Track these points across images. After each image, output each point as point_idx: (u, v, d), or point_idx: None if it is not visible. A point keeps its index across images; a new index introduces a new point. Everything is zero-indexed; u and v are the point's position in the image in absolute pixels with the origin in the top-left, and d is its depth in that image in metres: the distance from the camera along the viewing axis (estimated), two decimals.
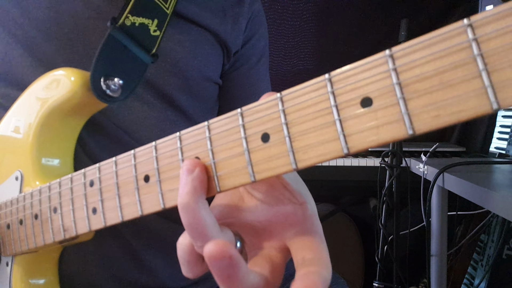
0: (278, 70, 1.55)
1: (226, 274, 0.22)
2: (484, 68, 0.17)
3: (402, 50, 0.20)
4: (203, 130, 0.27)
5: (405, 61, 0.19)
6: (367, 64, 0.21)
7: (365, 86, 0.21)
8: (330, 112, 0.22)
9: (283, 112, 0.24)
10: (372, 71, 0.20)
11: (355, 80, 0.21)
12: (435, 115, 0.19)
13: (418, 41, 0.19)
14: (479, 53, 0.18)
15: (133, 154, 0.31)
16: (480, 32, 0.18)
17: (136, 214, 0.31)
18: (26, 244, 0.40)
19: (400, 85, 0.19)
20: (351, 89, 0.21)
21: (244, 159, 0.25)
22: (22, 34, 0.47)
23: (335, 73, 0.22)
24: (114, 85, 0.40)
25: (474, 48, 0.18)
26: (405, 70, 0.19)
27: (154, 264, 0.51)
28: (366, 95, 0.21)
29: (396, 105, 0.20)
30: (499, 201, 0.63)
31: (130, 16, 0.45)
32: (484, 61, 0.18)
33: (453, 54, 0.18)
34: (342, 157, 0.22)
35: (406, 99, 0.19)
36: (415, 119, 0.19)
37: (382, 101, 0.20)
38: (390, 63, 0.20)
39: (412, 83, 0.19)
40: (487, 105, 0.17)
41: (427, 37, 0.19)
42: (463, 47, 0.18)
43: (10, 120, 0.46)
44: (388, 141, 0.20)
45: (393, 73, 0.20)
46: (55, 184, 0.37)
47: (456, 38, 0.18)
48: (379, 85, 0.20)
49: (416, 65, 0.19)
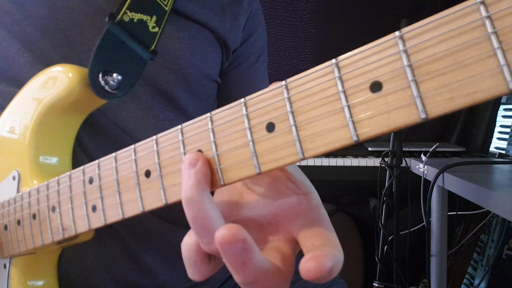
0: (278, 70, 1.55)
1: (240, 260, 0.21)
2: (499, 46, 0.17)
3: (412, 30, 0.19)
4: (205, 122, 0.26)
5: (416, 42, 0.19)
6: (376, 46, 0.20)
7: (374, 70, 0.20)
8: (338, 98, 0.21)
9: (289, 100, 0.23)
10: (381, 53, 0.20)
11: (364, 64, 0.20)
12: (449, 97, 0.18)
13: (429, 21, 0.19)
14: (493, 30, 0.17)
15: (133, 149, 0.30)
16: (493, 8, 0.17)
17: (138, 210, 0.30)
18: (24, 245, 0.39)
19: (411, 67, 0.19)
20: (360, 74, 0.20)
21: (249, 150, 0.24)
22: (19, 30, 0.47)
23: (342, 58, 0.21)
24: (112, 81, 0.39)
25: (488, 25, 0.17)
26: (416, 51, 0.19)
27: (153, 266, 0.50)
28: (375, 79, 0.20)
29: (408, 88, 0.19)
30: (499, 201, 0.63)
31: (129, 12, 0.44)
32: (499, 39, 0.17)
33: (466, 33, 0.18)
34: (351, 144, 0.21)
35: (418, 82, 0.19)
36: (428, 102, 0.18)
37: (392, 84, 0.19)
38: (400, 44, 0.19)
39: (424, 65, 0.19)
40: (503, 84, 0.17)
41: (438, 17, 0.18)
42: (476, 25, 0.17)
43: (6, 118, 0.45)
44: (399, 126, 0.19)
45: (404, 55, 0.19)
46: (53, 182, 0.36)
47: (469, 17, 0.18)
48: (389, 68, 0.19)
49: (428, 46, 0.18)
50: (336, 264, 0.21)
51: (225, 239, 0.20)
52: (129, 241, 0.48)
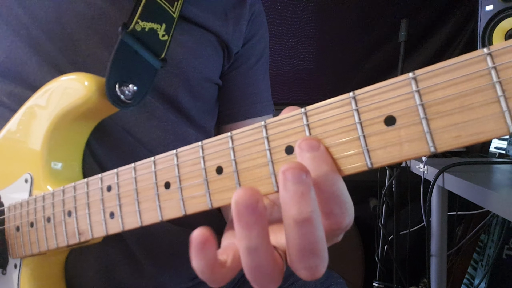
0: (278, 70, 1.56)
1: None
2: (502, 94, 0.19)
3: (425, 73, 0.21)
4: (226, 140, 0.28)
5: (428, 83, 0.21)
6: (391, 85, 0.22)
7: (389, 105, 0.22)
8: (354, 128, 0.23)
9: (307, 126, 0.25)
10: (396, 91, 0.22)
11: (379, 100, 0.22)
12: (456, 135, 0.20)
13: (440, 66, 0.21)
14: (498, 80, 0.19)
15: (153, 161, 0.32)
16: (499, 60, 0.19)
17: (156, 219, 0.32)
18: (37, 247, 0.41)
19: (423, 106, 0.21)
20: (375, 108, 0.23)
21: (268, 169, 0.26)
22: (26, 34, 0.48)
23: (359, 92, 0.23)
24: (128, 91, 0.41)
25: (493, 75, 0.19)
26: (428, 92, 0.21)
27: (153, 267, 0.51)
28: (390, 114, 0.22)
29: (419, 124, 0.21)
30: (499, 201, 0.63)
31: (140, 21, 0.45)
32: (503, 88, 0.19)
33: (473, 80, 0.20)
34: (365, 170, 0.23)
35: (428, 119, 0.21)
36: (436, 138, 0.21)
37: (405, 120, 0.22)
38: (414, 85, 0.21)
39: (434, 105, 0.21)
40: (504, 128, 0.19)
41: (449, 63, 0.21)
42: (483, 74, 0.20)
43: (19, 121, 0.46)
44: (410, 157, 0.22)
45: (417, 94, 0.21)
46: (69, 188, 0.38)
47: (476, 65, 0.20)
48: (403, 105, 0.22)
49: (438, 88, 0.21)
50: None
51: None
52: (130, 243, 0.50)
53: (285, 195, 0.22)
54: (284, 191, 0.22)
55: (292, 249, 0.23)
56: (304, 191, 0.21)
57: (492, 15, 0.89)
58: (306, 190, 0.21)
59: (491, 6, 0.90)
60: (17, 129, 0.46)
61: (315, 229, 0.22)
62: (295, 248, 0.23)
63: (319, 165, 0.23)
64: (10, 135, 0.47)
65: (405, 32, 1.08)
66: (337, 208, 0.23)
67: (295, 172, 0.21)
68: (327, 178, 0.23)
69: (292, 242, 0.23)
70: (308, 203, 0.21)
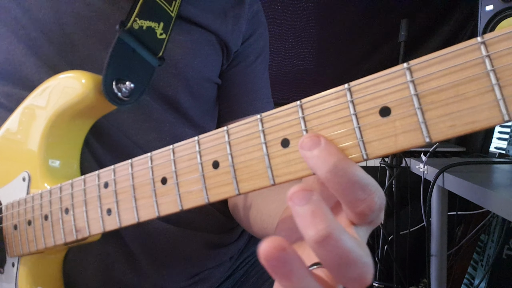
0: (278, 70, 1.56)
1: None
2: (496, 83, 0.19)
3: (419, 63, 0.21)
4: (222, 135, 0.28)
5: (422, 74, 0.21)
6: (385, 75, 0.22)
7: (384, 96, 0.22)
8: (349, 120, 0.23)
9: (303, 119, 0.25)
10: (390, 82, 0.22)
11: (374, 91, 0.22)
12: (451, 125, 0.20)
13: (434, 56, 0.21)
14: (492, 68, 0.19)
15: (150, 156, 0.32)
16: (493, 49, 0.19)
17: (153, 215, 0.32)
18: (35, 245, 0.41)
19: (417, 96, 0.21)
20: (370, 99, 0.23)
21: (264, 163, 0.26)
22: (25, 35, 0.48)
23: (354, 83, 0.23)
24: (125, 89, 0.41)
25: (487, 64, 0.19)
26: (422, 82, 0.21)
27: (152, 267, 0.51)
28: (384, 105, 0.22)
29: (414, 115, 0.21)
30: (499, 201, 0.63)
31: (138, 20, 0.45)
32: (497, 76, 0.19)
33: (468, 69, 0.20)
34: (361, 162, 0.23)
35: (423, 110, 0.21)
36: (431, 128, 0.21)
37: (400, 110, 0.22)
38: (408, 75, 0.21)
39: (429, 95, 0.21)
40: (499, 116, 0.19)
41: (443, 53, 0.21)
42: (477, 63, 0.20)
43: (17, 120, 0.46)
44: (405, 148, 0.22)
45: (411, 84, 0.21)
46: (66, 185, 0.38)
47: (470, 54, 0.20)
48: (397, 96, 0.22)
49: (433, 78, 0.21)
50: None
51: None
52: (128, 242, 0.50)
53: (298, 220, 0.22)
54: (296, 217, 0.22)
55: (328, 268, 0.22)
56: (314, 209, 0.21)
57: (492, 15, 0.89)
58: (315, 208, 0.21)
59: (491, 6, 0.90)
60: (15, 127, 0.46)
61: (339, 241, 0.21)
62: (330, 267, 0.22)
63: (327, 159, 0.23)
64: (7, 134, 0.47)
65: (405, 32, 1.09)
66: (361, 193, 0.23)
67: (299, 195, 0.21)
68: (339, 168, 0.22)
69: (325, 262, 0.22)
70: (321, 219, 0.21)
